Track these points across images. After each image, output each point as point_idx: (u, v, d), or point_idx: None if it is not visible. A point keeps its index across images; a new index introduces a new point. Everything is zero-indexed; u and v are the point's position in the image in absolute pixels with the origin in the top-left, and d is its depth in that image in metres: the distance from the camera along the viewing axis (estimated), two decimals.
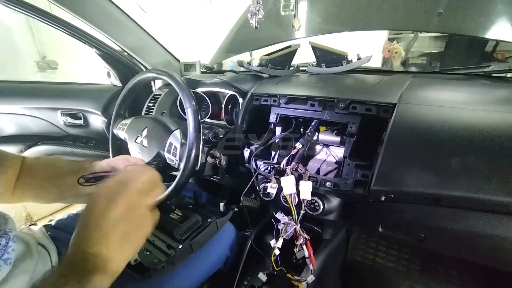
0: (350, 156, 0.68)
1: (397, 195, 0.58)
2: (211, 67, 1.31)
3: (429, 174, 0.55)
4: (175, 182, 0.68)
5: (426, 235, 0.62)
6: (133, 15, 1.11)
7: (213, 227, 0.70)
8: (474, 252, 0.60)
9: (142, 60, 1.16)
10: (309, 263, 0.67)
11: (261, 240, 0.81)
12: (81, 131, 1.23)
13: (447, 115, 0.59)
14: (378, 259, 0.83)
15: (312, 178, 0.68)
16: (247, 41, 1.21)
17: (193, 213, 0.73)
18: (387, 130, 0.61)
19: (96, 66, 1.22)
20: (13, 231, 0.47)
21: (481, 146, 0.52)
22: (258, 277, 0.73)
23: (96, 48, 1.06)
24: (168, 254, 0.61)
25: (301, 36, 1.02)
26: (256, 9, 0.74)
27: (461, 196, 0.52)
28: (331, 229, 0.81)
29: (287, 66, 1.01)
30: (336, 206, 0.71)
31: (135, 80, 0.81)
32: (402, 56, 2.50)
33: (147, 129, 0.76)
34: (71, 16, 0.94)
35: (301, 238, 0.66)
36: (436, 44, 2.87)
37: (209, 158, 0.87)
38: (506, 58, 2.48)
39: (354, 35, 1.74)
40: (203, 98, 1.02)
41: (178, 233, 0.66)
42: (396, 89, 0.68)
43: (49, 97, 1.18)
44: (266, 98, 0.82)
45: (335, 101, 0.70)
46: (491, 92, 0.72)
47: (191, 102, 0.67)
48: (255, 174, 0.75)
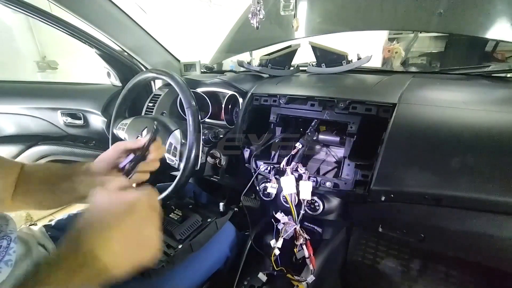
0: (350, 156, 0.68)
1: (397, 195, 0.58)
2: (211, 67, 1.31)
3: (429, 174, 0.55)
4: (175, 182, 0.68)
5: (426, 235, 0.62)
6: (133, 15, 1.11)
7: (212, 227, 0.70)
8: (474, 252, 0.60)
9: (142, 60, 1.16)
10: (309, 263, 0.67)
11: (261, 240, 0.81)
12: (81, 131, 1.23)
13: (447, 115, 0.59)
14: (378, 259, 0.83)
15: (312, 178, 0.68)
16: (247, 41, 1.21)
17: (193, 213, 0.73)
18: (387, 130, 0.61)
19: (96, 66, 1.22)
20: (14, 233, 0.47)
21: (481, 146, 0.52)
22: (258, 277, 0.73)
23: (96, 48, 1.06)
24: (168, 254, 0.61)
25: (301, 36, 1.02)
26: (257, 9, 0.74)
27: (461, 196, 0.52)
28: (331, 229, 0.81)
29: (287, 66, 1.01)
30: (336, 206, 0.71)
31: (135, 80, 0.81)
32: (402, 56, 2.50)
33: (147, 129, 0.76)
34: (71, 16, 0.94)
35: (301, 238, 0.66)
36: (436, 44, 2.87)
37: (209, 158, 0.87)
38: (506, 58, 2.48)
39: (354, 35, 1.74)
40: (203, 98, 1.02)
41: (178, 233, 0.66)
42: (396, 89, 0.68)
43: (49, 97, 1.18)
44: (266, 98, 0.82)
45: (335, 101, 0.70)
46: (491, 92, 0.72)
47: (191, 102, 0.67)
48: (255, 174, 0.75)
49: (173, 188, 0.68)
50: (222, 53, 1.31)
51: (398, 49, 2.46)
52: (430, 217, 0.60)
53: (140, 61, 1.16)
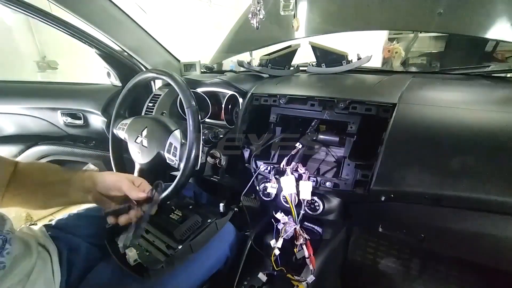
0: (350, 156, 0.68)
1: (397, 195, 0.58)
2: (211, 67, 1.31)
3: (429, 174, 0.55)
4: (175, 182, 0.68)
5: (426, 235, 0.62)
6: (133, 15, 1.11)
7: (213, 228, 0.69)
8: (474, 252, 0.60)
9: (142, 60, 1.16)
10: (309, 263, 0.67)
11: (261, 240, 0.81)
12: (81, 131, 1.23)
13: (447, 115, 0.59)
14: (378, 259, 0.83)
15: (312, 178, 0.68)
16: (247, 41, 1.21)
17: (193, 213, 0.73)
18: (387, 130, 0.61)
19: (96, 66, 1.22)
20: (10, 233, 0.47)
21: (481, 146, 0.52)
22: (258, 277, 0.73)
23: (96, 48, 1.06)
24: (168, 254, 0.61)
25: (301, 36, 1.02)
26: (257, 9, 0.74)
27: (461, 196, 0.52)
28: (331, 229, 0.81)
29: (287, 66, 1.01)
30: (336, 206, 0.71)
31: (135, 80, 0.81)
32: (402, 56, 2.50)
33: (147, 129, 0.76)
34: (71, 16, 0.94)
35: (301, 238, 0.66)
36: (436, 44, 2.87)
37: (209, 158, 0.87)
38: (506, 58, 2.48)
39: (354, 35, 1.74)
40: (203, 98, 1.02)
41: (178, 233, 0.66)
42: (396, 89, 0.68)
43: (49, 97, 1.18)
44: (266, 98, 0.82)
45: (335, 101, 0.70)
46: (491, 92, 0.72)
47: (191, 102, 0.67)
48: (255, 174, 0.75)
49: (173, 188, 0.68)
50: (222, 53, 1.31)
51: (398, 49, 2.46)
52: (430, 217, 0.60)
53: (140, 61, 1.16)
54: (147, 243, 0.67)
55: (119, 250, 0.62)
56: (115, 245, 0.65)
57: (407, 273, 0.79)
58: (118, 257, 0.61)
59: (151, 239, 0.68)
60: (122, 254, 0.61)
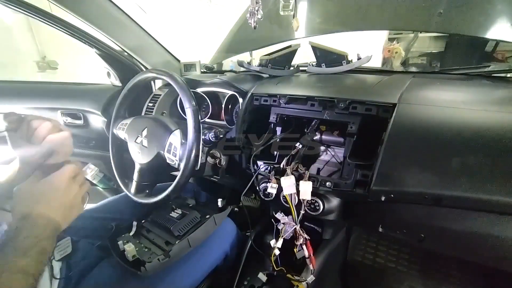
0: (350, 156, 0.68)
1: (397, 195, 0.58)
2: (211, 67, 1.31)
3: (429, 174, 0.55)
4: (175, 182, 0.68)
5: (426, 235, 0.62)
6: (133, 15, 1.11)
7: (211, 223, 0.70)
8: (474, 252, 0.60)
9: (142, 60, 1.16)
10: (309, 263, 0.67)
11: (261, 240, 0.81)
12: (81, 131, 1.23)
13: (447, 115, 0.59)
14: (378, 259, 0.83)
15: (312, 178, 0.68)
16: (247, 41, 1.21)
17: (192, 210, 0.73)
18: (387, 130, 0.61)
19: (96, 66, 1.22)
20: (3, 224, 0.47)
21: (481, 146, 0.52)
22: (258, 277, 0.73)
23: (96, 48, 1.06)
24: (164, 249, 0.62)
25: (301, 36, 1.02)
26: (255, 9, 0.74)
27: (461, 196, 0.52)
28: (331, 229, 0.81)
29: (287, 66, 1.01)
30: (336, 206, 0.71)
31: (135, 80, 0.81)
32: (402, 56, 2.50)
33: (147, 129, 0.76)
34: (71, 16, 0.94)
35: (301, 238, 0.66)
36: (436, 44, 2.87)
37: (209, 158, 0.86)
38: (506, 58, 2.48)
39: (354, 35, 1.74)
40: (203, 98, 1.02)
41: (176, 229, 0.67)
42: (396, 89, 0.68)
43: (49, 97, 1.18)
44: (266, 98, 0.82)
45: (335, 101, 0.70)
46: (491, 92, 0.72)
47: (191, 102, 0.67)
48: (255, 174, 0.75)
49: (173, 188, 0.68)
50: (222, 53, 1.31)
51: (398, 49, 2.46)
52: (430, 217, 0.60)
53: (140, 61, 1.16)
54: (148, 242, 0.68)
55: (119, 248, 0.63)
56: (116, 242, 0.65)
57: (407, 273, 0.80)
58: (118, 253, 0.62)
59: (151, 237, 0.69)
60: (121, 252, 0.61)
